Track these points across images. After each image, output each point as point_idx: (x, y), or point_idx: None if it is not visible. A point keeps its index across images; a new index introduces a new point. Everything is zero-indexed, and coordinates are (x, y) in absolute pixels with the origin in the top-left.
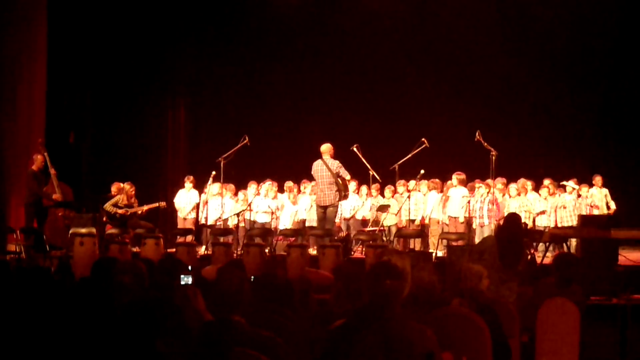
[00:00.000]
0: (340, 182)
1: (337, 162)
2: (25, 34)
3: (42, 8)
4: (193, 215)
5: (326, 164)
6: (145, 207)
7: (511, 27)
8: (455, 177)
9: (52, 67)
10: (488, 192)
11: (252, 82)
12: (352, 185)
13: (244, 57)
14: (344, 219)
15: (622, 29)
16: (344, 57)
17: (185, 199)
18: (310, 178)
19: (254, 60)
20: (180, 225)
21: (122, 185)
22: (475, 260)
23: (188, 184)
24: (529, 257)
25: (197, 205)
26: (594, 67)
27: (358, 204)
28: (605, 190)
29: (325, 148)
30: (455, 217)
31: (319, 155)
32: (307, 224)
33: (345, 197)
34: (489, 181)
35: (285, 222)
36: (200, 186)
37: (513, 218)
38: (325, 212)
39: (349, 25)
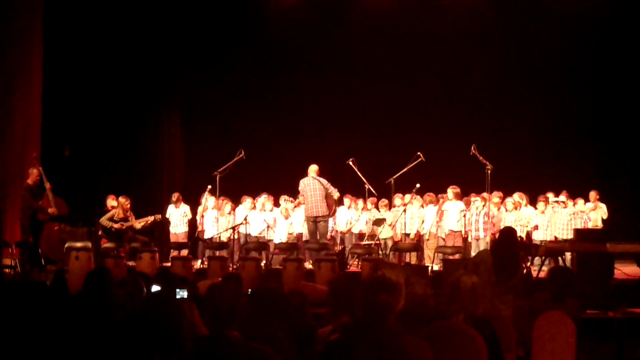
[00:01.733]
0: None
1: (325, 180)
2: (21, 48)
3: (38, 22)
4: (185, 229)
5: (317, 179)
6: (142, 222)
7: (507, 42)
8: (450, 191)
9: (47, 81)
10: (484, 206)
11: (248, 96)
12: (347, 200)
13: (240, 71)
14: (340, 232)
15: (618, 45)
16: (339, 71)
17: (176, 214)
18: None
19: (250, 75)
20: (172, 239)
21: (117, 199)
22: (470, 273)
23: (177, 199)
24: (525, 270)
25: (190, 220)
26: (589, 82)
27: (354, 218)
28: (602, 206)
29: (314, 168)
30: (450, 231)
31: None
32: (303, 239)
33: (334, 212)
34: (485, 195)
35: (280, 236)
36: (192, 200)
37: (508, 232)
38: (316, 225)
39: (345, 40)
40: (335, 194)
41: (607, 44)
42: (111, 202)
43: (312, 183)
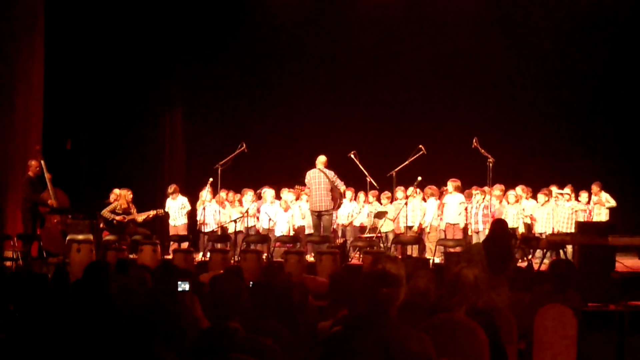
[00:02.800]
0: (336, 191)
1: (332, 172)
2: (22, 41)
3: (39, 15)
4: (184, 221)
5: (324, 172)
6: (143, 215)
7: (509, 34)
8: (450, 184)
9: (49, 74)
10: (483, 199)
11: (250, 89)
12: (349, 193)
13: (241, 64)
14: (342, 225)
15: (621, 36)
16: (341, 64)
17: (174, 206)
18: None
19: (252, 68)
20: (171, 232)
21: (120, 191)
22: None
23: (174, 191)
24: (527, 263)
25: (189, 211)
26: (591, 74)
27: (355, 211)
28: (605, 196)
29: (321, 159)
30: (451, 224)
31: (315, 163)
32: (305, 231)
33: (339, 206)
34: (486, 188)
35: (282, 229)
36: (194, 193)
37: (499, 224)
38: (320, 219)
39: (346, 33)
40: (342, 187)
41: (610, 36)
42: (116, 193)
43: (318, 176)
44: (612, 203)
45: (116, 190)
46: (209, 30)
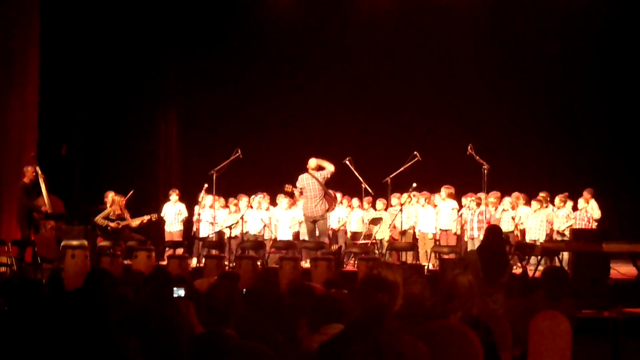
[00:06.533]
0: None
1: (321, 172)
2: (17, 46)
3: (34, 20)
4: (179, 227)
5: (315, 177)
6: (138, 220)
7: (504, 41)
8: (444, 191)
9: (44, 79)
10: (478, 205)
11: (245, 94)
12: (338, 196)
13: (237, 69)
14: (332, 229)
15: (615, 44)
16: (336, 70)
17: (171, 212)
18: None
19: (247, 73)
20: (167, 237)
21: (114, 195)
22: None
23: (174, 197)
24: (521, 270)
25: (186, 218)
26: (586, 82)
27: (346, 216)
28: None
29: (312, 164)
30: (445, 230)
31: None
32: (300, 237)
33: (333, 208)
34: (481, 194)
35: (284, 236)
36: (188, 199)
37: (493, 230)
38: (315, 225)
39: (342, 39)
40: (330, 167)
41: (604, 44)
42: (110, 197)
43: (312, 183)
44: (596, 214)
45: (109, 194)
46: (204, 35)
